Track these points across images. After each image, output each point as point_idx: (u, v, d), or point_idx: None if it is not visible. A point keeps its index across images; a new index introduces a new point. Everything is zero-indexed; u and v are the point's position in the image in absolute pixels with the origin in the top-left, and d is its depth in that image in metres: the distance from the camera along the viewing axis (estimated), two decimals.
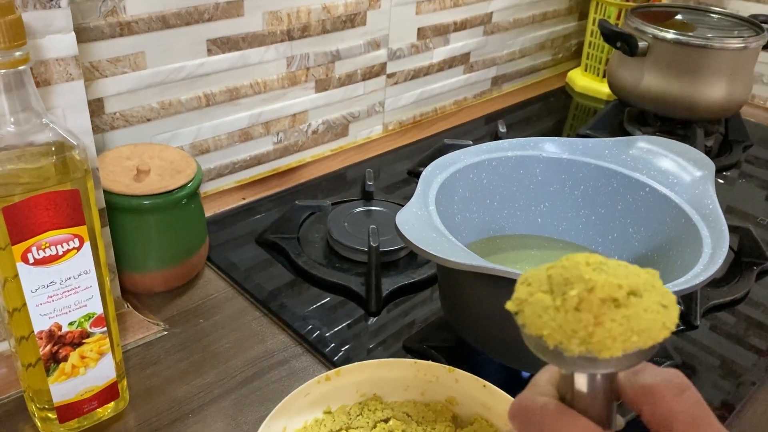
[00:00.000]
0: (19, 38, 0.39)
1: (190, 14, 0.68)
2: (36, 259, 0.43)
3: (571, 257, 0.25)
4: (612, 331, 0.23)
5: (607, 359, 0.23)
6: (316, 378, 0.41)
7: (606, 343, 0.23)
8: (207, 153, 0.77)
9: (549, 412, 0.26)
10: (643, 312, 0.23)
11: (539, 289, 0.24)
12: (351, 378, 0.42)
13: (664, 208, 0.56)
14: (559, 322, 0.23)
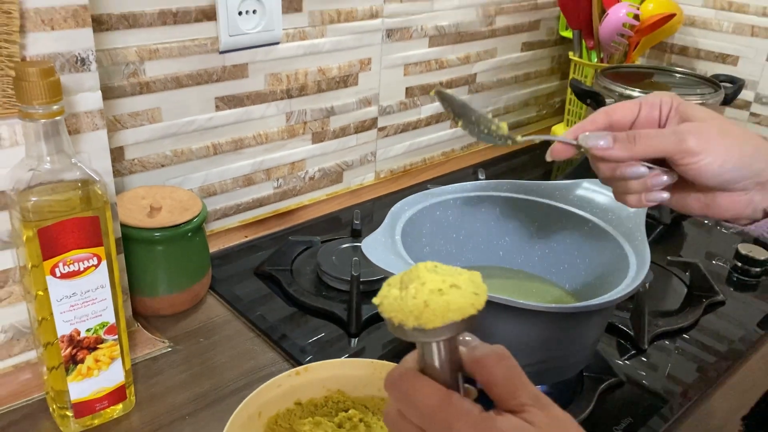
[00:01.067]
0: (57, 96, 0.50)
1: (200, 75, 0.79)
2: (62, 273, 0.52)
3: (417, 265, 0.34)
4: (435, 311, 0.32)
5: (432, 329, 0.33)
6: (287, 372, 0.49)
7: (431, 318, 0.32)
8: (214, 195, 0.87)
9: (408, 378, 0.34)
10: (459, 297, 0.33)
11: (393, 287, 0.34)
12: (317, 374, 0.50)
13: (603, 241, 0.65)
14: (402, 307, 0.33)
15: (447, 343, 0.34)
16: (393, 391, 0.35)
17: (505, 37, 1.15)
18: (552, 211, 0.69)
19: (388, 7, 0.95)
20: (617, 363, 0.69)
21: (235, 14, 0.78)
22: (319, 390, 0.50)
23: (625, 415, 0.63)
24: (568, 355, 0.58)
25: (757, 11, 1.14)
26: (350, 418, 0.48)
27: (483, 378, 0.35)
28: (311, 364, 0.50)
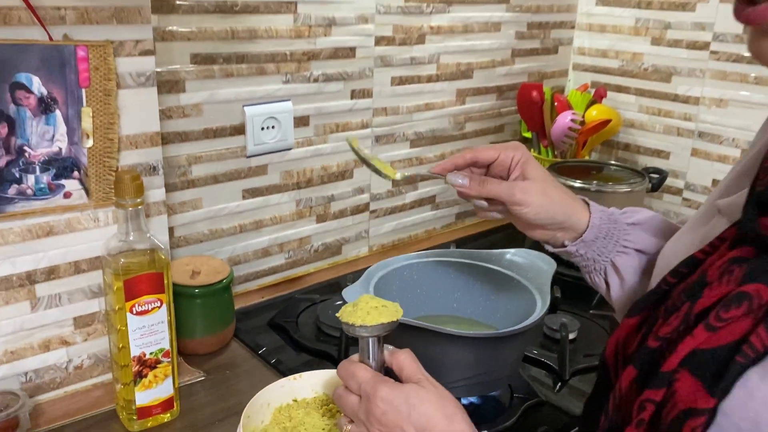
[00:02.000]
0: (140, 193, 0.76)
1: (232, 174, 1.06)
2: (137, 311, 0.77)
3: (362, 296, 0.59)
4: (373, 317, 0.57)
5: (370, 326, 0.57)
6: (288, 377, 0.72)
7: (368, 320, 0.57)
8: (239, 264, 1.12)
9: (352, 363, 0.58)
10: (386, 312, 0.58)
11: (348, 307, 0.59)
12: (309, 380, 0.72)
13: (522, 292, 0.88)
14: (353, 315, 0.58)
15: (377, 341, 0.58)
16: (341, 371, 0.58)
17: (475, 138, 1.42)
18: (489, 271, 0.93)
19: (376, 119, 1.22)
20: (543, 389, 0.91)
21: (259, 129, 1.06)
22: (309, 391, 0.72)
23: (542, 425, 0.85)
24: (491, 372, 0.80)
25: (680, 116, 1.40)
26: (330, 410, 0.70)
27: (396, 365, 0.58)
28: (305, 373, 0.73)
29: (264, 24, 1.02)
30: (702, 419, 0.42)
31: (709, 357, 0.42)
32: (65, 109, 0.74)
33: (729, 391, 0.41)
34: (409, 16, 1.20)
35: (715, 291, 0.45)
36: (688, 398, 0.42)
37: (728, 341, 0.42)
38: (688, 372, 0.43)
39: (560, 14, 1.48)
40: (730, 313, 0.43)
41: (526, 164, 0.70)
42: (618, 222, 0.71)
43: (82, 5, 0.73)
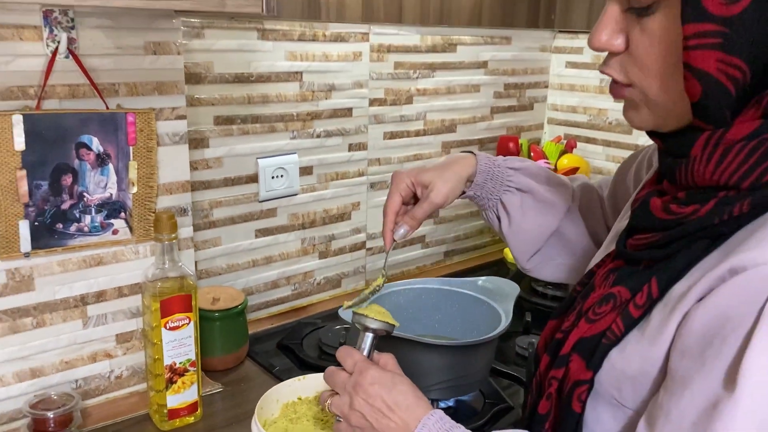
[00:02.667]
0: (174, 230, 0.93)
1: (246, 216, 1.24)
2: (170, 327, 0.93)
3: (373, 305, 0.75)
4: (379, 315, 0.73)
5: (377, 321, 0.73)
6: (295, 378, 0.88)
7: (378, 317, 0.73)
8: (251, 294, 1.29)
9: (349, 348, 0.73)
10: (388, 319, 0.73)
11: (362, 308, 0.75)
12: (311, 382, 0.88)
13: (491, 313, 1.04)
14: (365, 311, 0.74)
15: (375, 338, 0.74)
16: (340, 352, 0.73)
17: None
18: (464, 296, 1.09)
19: (370, 168, 1.41)
20: (512, 397, 1.06)
21: (270, 178, 1.25)
22: (312, 391, 0.88)
23: (509, 426, 1.00)
24: (463, 377, 0.96)
25: None
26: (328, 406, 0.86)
27: (382, 362, 0.73)
28: (308, 375, 0.89)
29: (275, 90, 1.22)
30: (585, 387, 0.59)
31: (588, 342, 0.59)
32: (116, 162, 0.93)
33: (600, 365, 0.58)
34: (399, 81, 1.40)
35: (596, 293, 0.62)
36: (576, 373, 0.59)
37: (600, 330, 0.59)
38: (577, 354, 0.60)
39: (534, 76, 1.68)
40: (601, 309, 0.60)
41: (417, 177, 0.83)
42: (501, 167, 0.88)
43: (132, 81, 0.93)
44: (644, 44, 0.54)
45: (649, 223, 0.59)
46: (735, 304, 0.49)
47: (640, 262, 0.60)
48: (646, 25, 0.54)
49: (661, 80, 0.54)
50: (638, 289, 0.57)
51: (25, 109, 0.84)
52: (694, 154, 0.55)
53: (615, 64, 0.58)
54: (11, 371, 0.91)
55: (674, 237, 0.55)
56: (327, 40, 1.26)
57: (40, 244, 0.89)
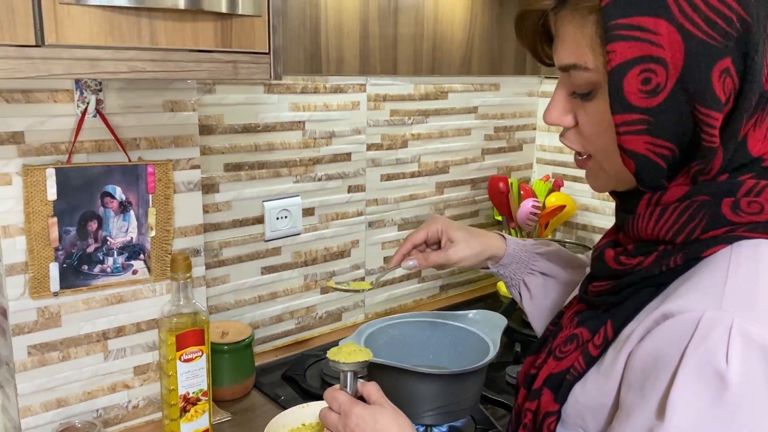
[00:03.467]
0: (189, 270, 1.02)
1: (253, 255, 1.33)
2: (184, 359, 1.02)
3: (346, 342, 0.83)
4: (349, 358, 0.80)
5: (348, 363, 0.80)
6: (299, 405, 0.96)
7: (348, 359, 0.80)
8: (257, 328, 1.37)
9: (335, 390, 0.80)
10: (361, 354, 0.81)
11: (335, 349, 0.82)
12: (314, 409, 0.96)
13: (481, 344, 1.12)
14: (337, 355, 0.80)
15: (353, 374, 0.81)
16: (326, 395, 0.80)
17: None
18: (456, 328, 1.18)
19: (368, 209, 1.50)
20: (502, 424, 1.13)
21: (275, 219, 1.34)
22: (314, 418, 0.96)
23: None
24: (454, 404, 1.04)
25: None
26: None
27: (366, 393, 0.80)
28: (311, 403, 0.97)
29: (279, 139, 1.32)
30: (553, 418, 0.66)
31: (556, 378, 0.67)
32: (137, 209, 1.02)
33: (566, 398, 0.66)
34: (394, 127, 1.51)
35: (564, 333, 0.71)
36: (545, 405, 0.67)
37: (565, 367, 0.67)
38: (547, 388, 0.68)
39: (522, 119, 1.79)
40: (566, 347, 0.68)
41: (448, 230, 0.94)
42: (528, 251, 0.97)
43: (151, 135, 1.03)
44: (589, 123, 0.63)
45: (604, 272, 0.66)
46: (665, 345, 0.55)
47: (599, 306, 0.67)
48: (589, 108, 0.63)
49: (607, 154, 0.63)
50: (596, 330, 0.64)
51: (57, 164, 0.94)
52: (639, 211, 0.63)
53: (571, 136, 0.67)
54: (39, 401, 0.99)
55: (623, 285, 0.63)
56: (327, 92, 1.37)
57: (67, 284, 0.98)
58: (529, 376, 0.73)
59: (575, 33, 0.60)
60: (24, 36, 0.68)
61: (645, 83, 0.56)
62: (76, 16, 0.70)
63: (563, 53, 0.62)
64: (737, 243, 0.58)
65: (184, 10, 0.77)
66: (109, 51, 0.73)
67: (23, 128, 0.92)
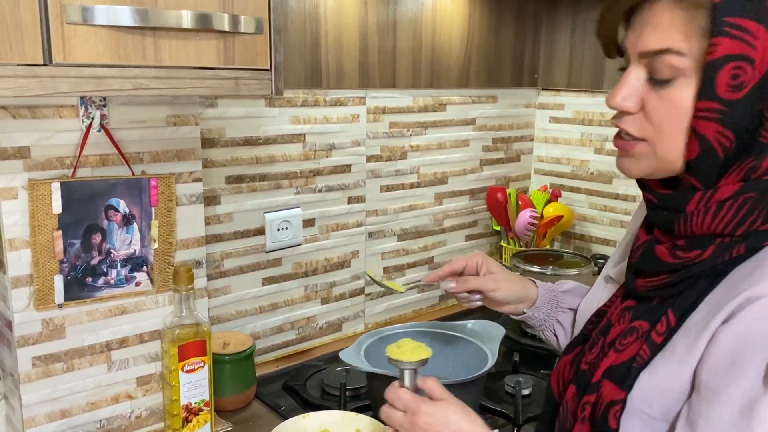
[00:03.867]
0: (191, 281, 1.04)
1: (254, 266, 1.34)
2: (187, 370, 1.03)
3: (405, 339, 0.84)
4: (412, 355, 0.81)
5: (409, 361, 0.81)
6: (300, 415, 0.97)
7: (412, 357, 0.80)
8: (258, 339, 1.38)
9: (393, 389, 0.82)
10: (421, 351, 0.81)
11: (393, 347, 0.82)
12: (315, 419, 0.97)
13: (480, 354, 1.14)
14: (399, 354, 0.81)
15: (413, 372, 0.82)
16: (389, 394, 0.81)
17: (453, 232, 1.71)
18: (455, 338, 1.19)
19: (368, 219, 1.52)
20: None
21: (275, 230, 1.36)
22: (315, 428, 0.98)
23: None
24: None
25: (621, 211, 1.69)
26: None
27: (428, 389, 0.81)
28: (311, 413, 0.98)
29: (280, 151, 1.34)
30: (619, 406, 0.70)
31: (618, 368, 0.71)
32: (140, 222, 1.04)
33: (632, 386, 0.70)
34: (393, 139, 1.53)
35: (616, 329, 0.75)
36: (609, 395, 0.71)
37: (628, 357, 0.71)
38: (607, 380, 0.72)
39: (520, 130, 1.81)
40: (626, 340, 0.72)
41: (488, 263, 1.00)
42: (555, 291, 1.02)
43: (155, 150, 1.04)
44: (661, 107, 0.67)
45: (658, 267, 0.71)
46: (757, 324, 0.62)
47: (653, 299, 0.72)
48: (664, 93, 0.66)
49: (670, 139, 0.67)
50: (656, 320, 0.70)
51: (63, 178, 0.96)
52: (689, 209, 0.67)
53: (629, 121, 0.69)
54: (43, 412, 1.00)
55: (683, 277, 0.68)
56: (327, 105, 1.39)
57: (71, 296, 0.99)
58: (581, 372, 0.76)
59: (675, 22, 0.64)
60: (32, 55, 0.70)
61: (734, 78, 0.62)
62: (83, 36, 0.72)
63: (652, 39, 0.65)
64: None
65: (188, 29, 0.79)
66: (114, 69, 0.75)
67: (29, 143, 0.93)
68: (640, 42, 0.66)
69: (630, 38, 0.68)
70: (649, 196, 0.73)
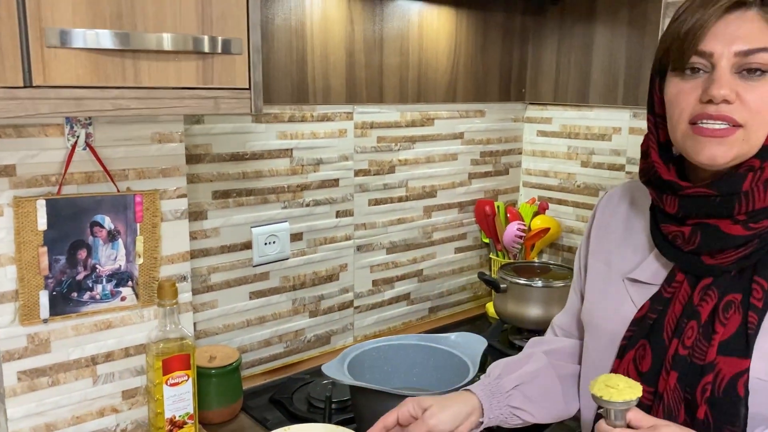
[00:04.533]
0: (175, 296, 1.05)
1: (241, 280, 1.36)
2: (171, 383, 1.04)
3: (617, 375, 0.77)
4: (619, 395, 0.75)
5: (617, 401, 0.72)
6: (282, 428, 0.98)
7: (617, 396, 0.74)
8: (247, 352, 1.39)
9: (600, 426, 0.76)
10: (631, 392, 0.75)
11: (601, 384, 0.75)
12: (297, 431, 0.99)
13: (461, 365, 1.15)
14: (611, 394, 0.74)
15: (623, 412, 0.73)
16: None
17: (442, 245, 1.73)
18: (438, 350, 1.20)
19: (357, 233, 1.54)
20: None
21: (263, 244, 1.37)
22: None
23: None
24: None
25: None
26: None
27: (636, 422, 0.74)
28: (293, 426, 0.99)
29: (267, 166, 1.36)
30: (746, 375, 0.76)
31: (732, 340, 0.78)
32: (125, 237, 1.06)
33: (752, 351, 0.76)
34: (381, 153, 1.54)
35: (706, 307, 0.81)
36: (732, 368, 0.77)
37: (737, 326, 0.78)
38: (722, 356, 0.78)
39: (508, 143, 1.83)
40: (728, 314, 0.79)
41: (419, 401, 0.92)
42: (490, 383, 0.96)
43: (140, 167, 1.06)
44: (759, 98, 0.76)
45: (732, 242, 0.79)
46: None
47: (730, 272, 0.81)
48: (758, 86, 0.76)
49: (763, 124, 0.77)
50: (748, 288, 0.79)
51: (48, 195, 0.98)
52: (745, 188, 0.78)
53: (731, 108, 0.76)
54: (28, 426, 1.02)
55: (758, 247, 0.79)
56: (314, 120, 1.41)
57: (57, 311, 1.01)
58: (679, 358, 0.81)
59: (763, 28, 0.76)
60: (12, 78, 0.72)
61: None
62: (63, 59, 0.74)
63: (750, 39, 0.76)
64: None
65: (168, 51, 0.81)
66: (94, 90, 0.77)
67: (15, 161, 0.95)
68: (738, 44, 0.76)
69: (719, 42, 0.77)
70: (694, 191, 0.81)
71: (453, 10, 1.60)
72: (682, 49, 0.79)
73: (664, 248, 0.87)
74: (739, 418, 0.78)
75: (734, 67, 0.77)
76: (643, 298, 0.89)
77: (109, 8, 0.76)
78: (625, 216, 0.98)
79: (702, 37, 0.77)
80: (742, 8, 0.77)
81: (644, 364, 0.85)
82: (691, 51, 0.78)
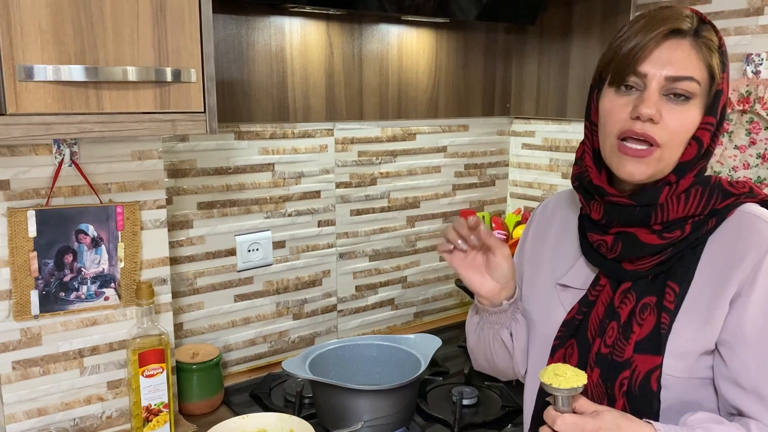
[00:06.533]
0: (152, 297, 1.18)
1: (226, 284, 1.48)
2: (146, 375, 1.16)
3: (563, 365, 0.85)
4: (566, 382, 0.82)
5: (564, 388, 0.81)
6: (240, 416, 1.09)
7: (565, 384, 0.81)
8: (231, 351, 1.51)
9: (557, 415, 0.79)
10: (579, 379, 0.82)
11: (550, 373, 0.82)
12: (254, 420, 1.09)
13: (417, 363, 1.23)
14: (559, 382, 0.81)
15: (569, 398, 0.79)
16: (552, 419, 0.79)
17: (426, 253, 1.81)
18: (398, 350, 1.29)
19: (339, 241, 1.64)
20: None
21: (246, 251, 1.49)
22: (253, 427, 1.09)
23: None
24: (388, 416, 1.15)
25: None
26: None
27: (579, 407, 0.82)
28: (251, 414, 1.10)
29: (250, 179, 1.47)
30: (658, 371, 0.84)
31: (646, 339, 0.85)
32: (108, 244, 1.18)
33: (664, 348, 0.84)
34: (362, 167, 1.65)
35: (625, 309, 0.88)
36: (646, 364, 0.84)
37: (651, 326, 0.85)
38: (638, 354, 0.85)
39: (494, 156, 1.91)
40: (644, 315, 0.87)
41: None
42: None
43: (121, 180, 1.19)
44: (678, 120, 0.84)
45: (649, 250, 0.87)
46: None
47: (646, 277, 0.89)
48: (682, 110, 0.84)
49: (678, 145, 0.85)
50: (661, 292, 0.87)
51: (38, 206, 1.12)
52: (661, 201, 0.86)
53: (653, 128, 0.84)
54: (22, 410, 1.15)
55: (671, 254, 0.87)
56: (296, 137, 1.52)
57: (46, 309, 1.14)
58: (602, 355, 0.88)
59: (699, 57, 0.85)
60: None
61: (728, 103, 0.89)
62: (33, 90, 0.87)
63: (680, 66, 0.84)
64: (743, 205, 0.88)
65: (128, 81, 0.93)
66: (61, 116, 0.90)
67: (9, 177, 1.09)
68: (670, 66, 0.84)
69: (653, 65, 0.84)
70: (617, 199, 0.88)
71: (432, 32, 1.70)
72: (621, 68, 0.86)
73: (590, 255, 0.94)
74: (653, 411, 0.85)
75: (663, 89, 0.84)
76: (572, 302, 0.95)
77: (74, 46, 0.89)
78: (558, 224, 1.05)
79: (641, 60, 0.84)
80: (678, 36, 0.84)
81: (572, 361, 0.92)
82: (629, 70, 0.85)
